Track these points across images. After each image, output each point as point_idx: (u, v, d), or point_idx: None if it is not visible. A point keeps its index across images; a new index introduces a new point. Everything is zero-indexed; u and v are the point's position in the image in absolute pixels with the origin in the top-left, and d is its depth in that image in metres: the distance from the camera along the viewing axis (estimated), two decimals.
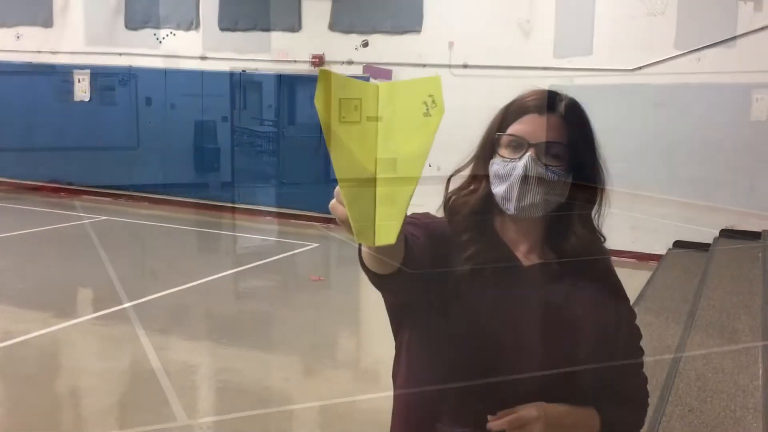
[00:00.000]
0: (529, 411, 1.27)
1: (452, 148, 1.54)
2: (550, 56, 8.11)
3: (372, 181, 0.92)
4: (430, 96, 0.94)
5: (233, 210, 9.92)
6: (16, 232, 8.34)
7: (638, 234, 7.74)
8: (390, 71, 9.06)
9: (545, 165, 1.30)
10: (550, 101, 1.33)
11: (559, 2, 8.19)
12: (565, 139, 1.31)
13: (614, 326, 1.37)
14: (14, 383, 4.36)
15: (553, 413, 1.29)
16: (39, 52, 10.98)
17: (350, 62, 9.24)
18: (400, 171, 0.92)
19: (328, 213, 0.99)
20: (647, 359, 1.46)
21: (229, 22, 9.80)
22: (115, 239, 8.39)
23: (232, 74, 9.77)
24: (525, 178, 1.30)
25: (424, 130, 0.93)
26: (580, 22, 8.09)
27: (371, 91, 0.94)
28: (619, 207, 1.47)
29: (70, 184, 10.95)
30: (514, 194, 1.31)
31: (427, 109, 0.94)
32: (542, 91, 1.35)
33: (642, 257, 7.74)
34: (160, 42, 10.22)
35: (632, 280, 5.82)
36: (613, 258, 1.45)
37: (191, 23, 10.00)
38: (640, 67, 7.83)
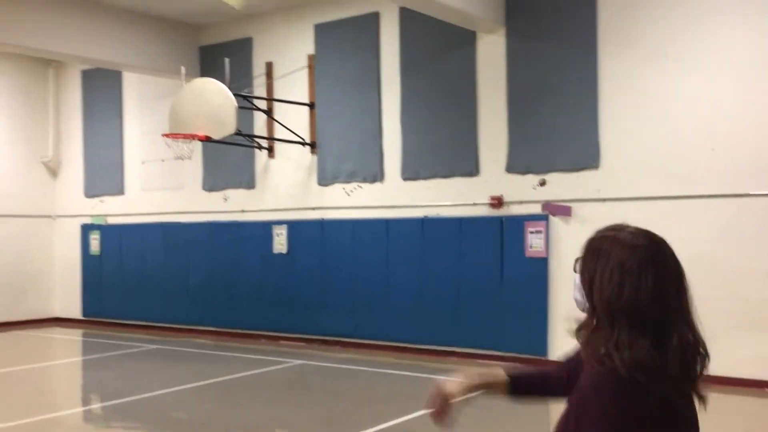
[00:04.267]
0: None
1: None
2: None
3: None
4: None
5: (419, 351, 10.06)
6: (222, 378, 8.96)
7: None
8: (569, 208, 9.08)
9: None
10: None
11: None
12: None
13: None
14: None
15: None
16: (243, 211, 12.15)
17: (529, 201, 9.38)
18: None
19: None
20: None
21: (411, 173, 10.37)
22: (311, 382, 8.75)
23: (417, 220, 10.20)
24: None
25: None
26: None
27: None
28: None
29: (270, 330, 11.69)
30: None
31: None
32: None
33: None
34: (349, 195, 10.97)
35: None
36: None
37: (376, 176, 10.68)
38: None
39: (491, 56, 9.70)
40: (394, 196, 10.56)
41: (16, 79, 14.33)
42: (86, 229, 14.25)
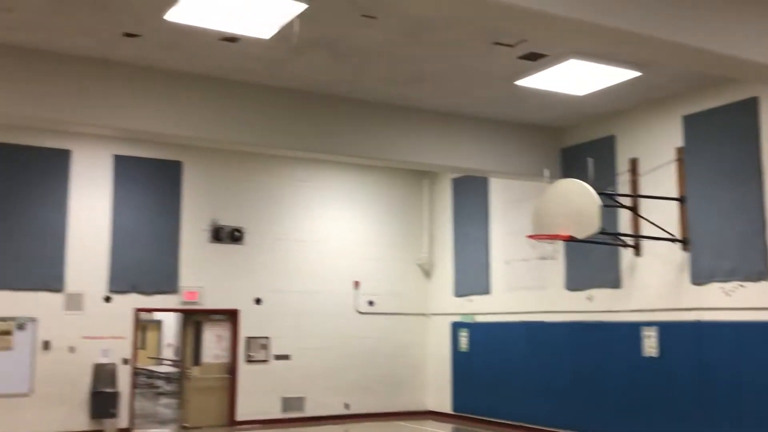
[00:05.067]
0: None
1: None
2: None
3: None
4: None
5: None
6: None
7: None
8: None
9: None
10: None
11: None
12: None
13: None
14: None
15: None
16: (609, 311, 11.76)
17: None
18: None
19: None
20: None
21: None
22: None
23: None
24: None
25: None
26: None
27: None
28: None
29: None
30: None
31: None
32: None
33: None
34: (729, 295, 10.00)
35: None
36: None
37: (762, 274, 9.60)
38: None
39: None
40: None
41: (395, 189, 16.03)
42: (456, 327, 15.02)
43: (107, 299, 13.08)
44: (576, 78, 9.91)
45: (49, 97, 9.20)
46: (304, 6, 7.56)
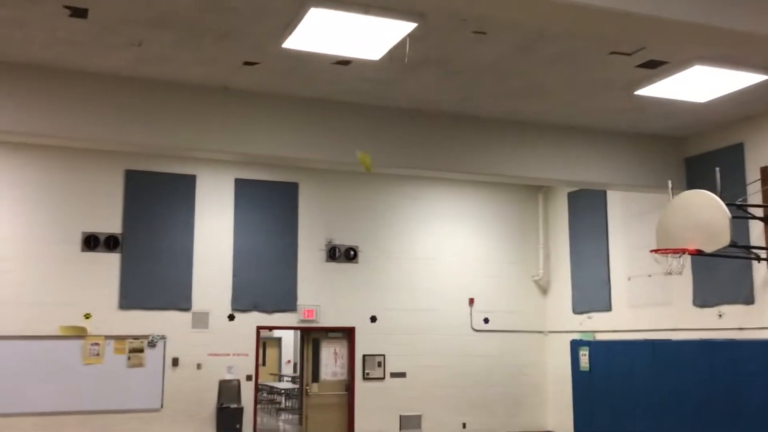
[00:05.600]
0: None
1: None
2: None
3: None
4: None
5: None
6: None
7: None
8: None
9: None
10: None
11: None
12: None
13: None
14: None
15: None
16: (741, 328, 11.11)
17: None
18: None
19: None
20: None
21: None
22: None
23: None
24: None
25: None
26: None
27: None
28: None
29: None
30: None
31: None
32: None
33: None
34: None
35: None
36: None
37: None
38: None
39: None
40: None
41: (510, 204, 15.82)
42: (575, 345, 14.57)
43: (231, 317, 13.56)
44: (699, 84, 9.48)
45: (174, 126, 9.69)
46: (414, 25, 7.61)
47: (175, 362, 13.07)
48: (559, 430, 14.88)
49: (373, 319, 14.49)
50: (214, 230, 13.70)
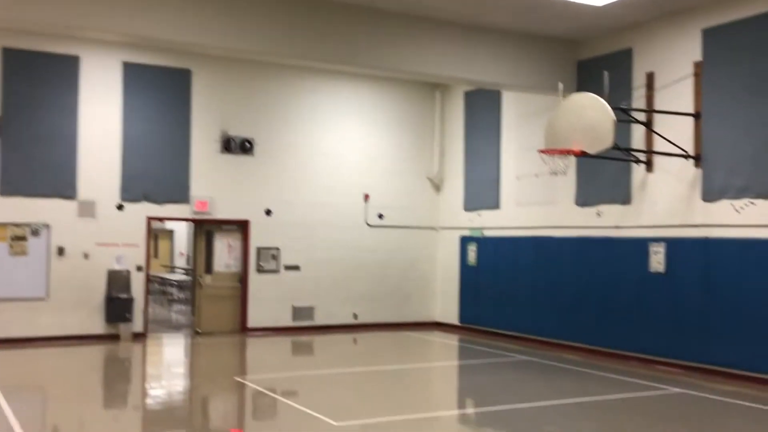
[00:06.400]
0: None
1: None
2: None
3: None
4: None
5: None
6: (592, 398, 8.77)
7: None
8: None
9: None
10: None
11: None
12: None
13: None
14: None
15: None
16: (617, 227, 11.79)
17: None
18: None
19: None
20: None
21: None
22: (690, 414, 8.12)
23: None
24: None
25: None
26: None
27: None
28: None
29: (643, 353, 11.14)
30: None
31: None
32: None
33: None
34: (739, 212, 9.97)
35: None
36: None
37: None
38: None
39: None
40: None
41: (408, 102, 15.86)
42: (465, 241, 15.13)
43: (120, 207, 13.21)
44: None
45: (55, 1, 9.05)
46: None
47: (61, 251, 12.72)
48: (445, 321, 15.60)
49: (268, 212, 14.47)
50: (101, 116, 13.12)
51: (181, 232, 23.75)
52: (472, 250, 14.90)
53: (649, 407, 8.39)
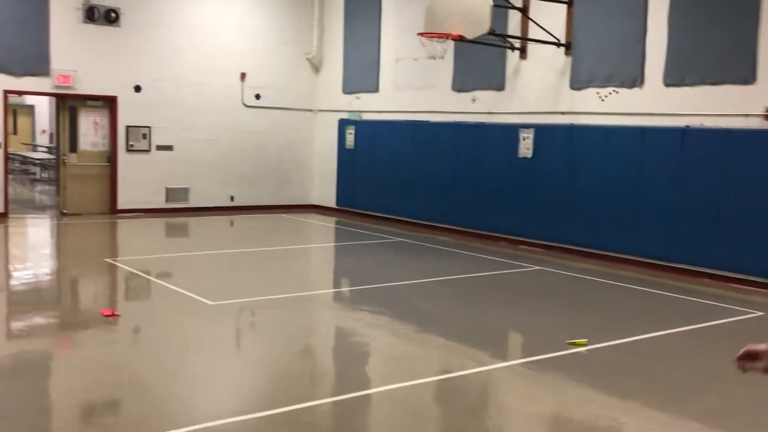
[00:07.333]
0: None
1: None
2: None
3: None
4: None
5: (669, 269, 9.56)
6: (461, 276, 9.23)
7: None
8: None
9: None
10: None
11: None
12: None
13: None
14: (456, 414, 4.80)
15: None
16: (490, 113, 12.08)
17: None
18: None
19: None
20: None
21: (674, 78, 9.59)
22: (549, 289, 8.72)
23: (677, 130, 9.48)
24: None
25: None
26: None
27: None
28: None
29: (510, 234, 11.74)
30: None
31: None
32: None
33: None
34: (603, 100, 10.43)
35: None
36: None
37: (635, 81, 10.02)
38: None
39: None
40: (653, 102, 9.86)
41: None
42: (343, 124, 15.08)
43: None
44: None
45: None
46: None
47: None
48: (322, 203, 15.73)
49: (138, 88, 13.78)
50: None
51: (43, 107, 22.34)
52: (350, 133, 14.89)
53: (514, 283, 8.93)
